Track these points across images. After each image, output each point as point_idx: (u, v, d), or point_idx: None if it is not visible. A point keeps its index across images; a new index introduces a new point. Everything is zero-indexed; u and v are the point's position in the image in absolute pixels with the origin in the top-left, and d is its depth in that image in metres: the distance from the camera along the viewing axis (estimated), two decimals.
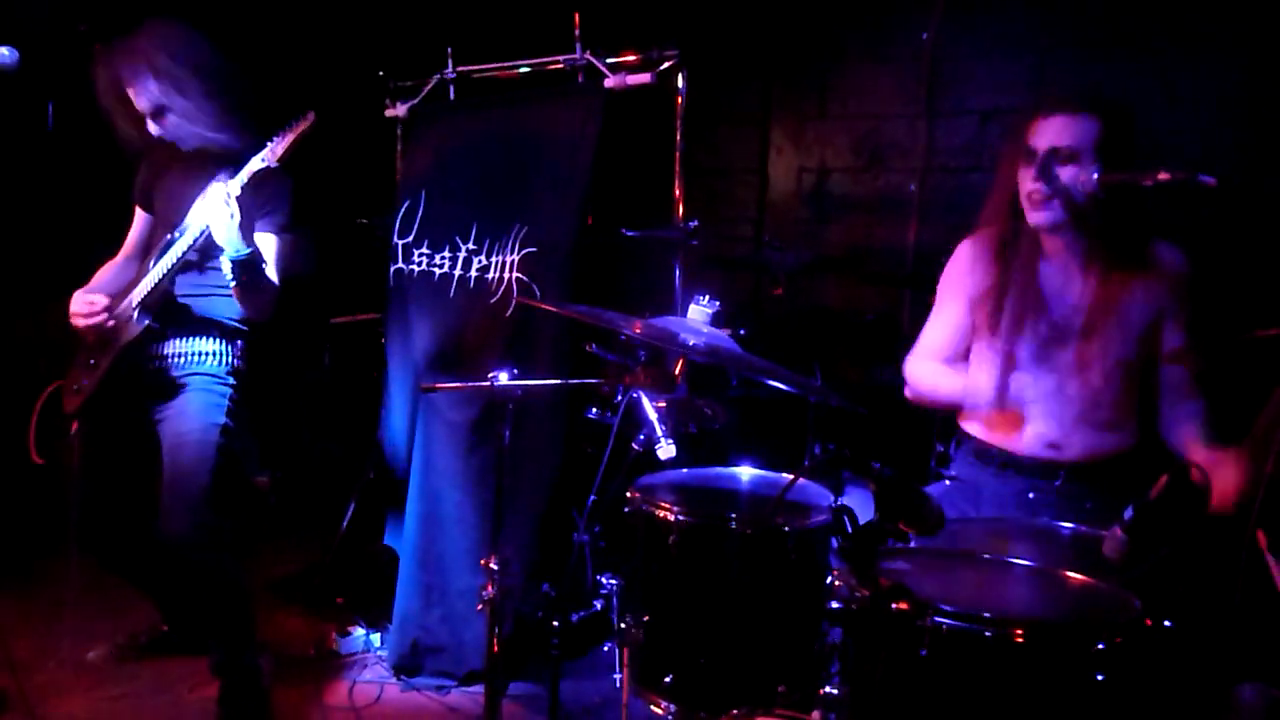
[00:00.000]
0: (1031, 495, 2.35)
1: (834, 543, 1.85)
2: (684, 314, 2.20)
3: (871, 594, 1.52)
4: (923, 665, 1.49)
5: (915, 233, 3.93)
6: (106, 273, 3.01)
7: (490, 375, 2.32)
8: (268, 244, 2.78)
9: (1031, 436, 2.35)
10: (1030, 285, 2.33)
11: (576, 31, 3.22)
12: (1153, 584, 1.71)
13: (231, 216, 2.56)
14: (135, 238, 3.05)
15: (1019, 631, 1.47)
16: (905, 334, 2.82)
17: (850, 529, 1.53)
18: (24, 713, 2.78)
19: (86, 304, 2.78)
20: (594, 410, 3.21)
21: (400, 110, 3.63)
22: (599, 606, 3.00)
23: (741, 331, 3.15)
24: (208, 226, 2.62)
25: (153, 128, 2.77)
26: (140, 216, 3.04)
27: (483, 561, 2.34)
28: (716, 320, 2.17)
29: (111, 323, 2.78)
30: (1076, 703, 1.46)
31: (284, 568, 3.98)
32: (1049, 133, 2.23)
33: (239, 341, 2.90)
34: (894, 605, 1.51)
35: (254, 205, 2.68)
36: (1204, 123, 3.31)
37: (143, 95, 2.72)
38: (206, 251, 2.76)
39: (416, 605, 3.20)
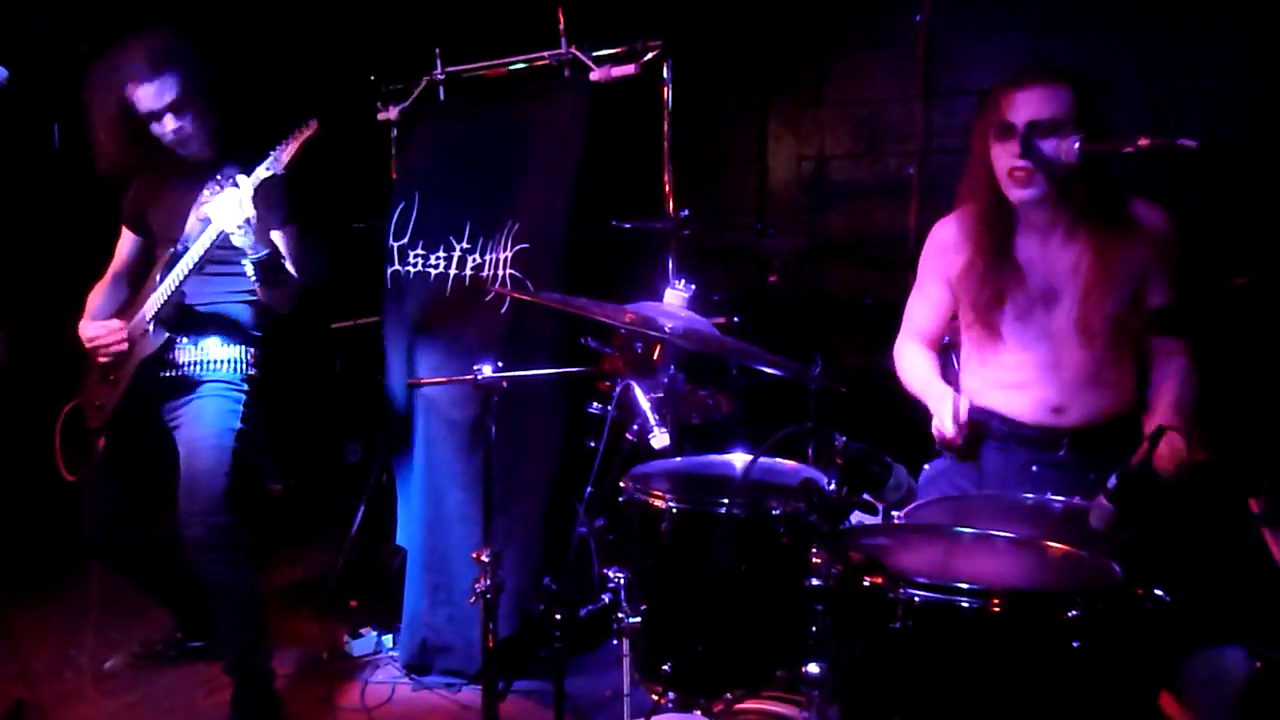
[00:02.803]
0: (1034, 469, 2.33)
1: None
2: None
3: (843, 569, 1.51)
4: (897, 638, 1.48)
5: (916, 215, 3.91)
6: (98, 296, 3.04)
7: (474, 368, 2.32)
8: (275, 238, 2.81)
9: (1034, 403, 2.33)
10: (1008, 259, 2.32)
11: (561, 26, 3.22)
12: (1143, 552, 1.69)
13: (248, 221, 2.59)
14: (124, 258, 3.08)
15: (995, 601, 1.46)
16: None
17: (817, 503, 1.52)
18: None
19: (104, 330, 2.82)
20: (595, 405, 3.22)
21: (392, 113, 3.65)
22: (606, 600, 3.00)
23: (735, 319, 3.15)
24: (220, 234, 2.64)
25: (169, 123, 2.76)
26: (128, 237, 3.07)
27: (474, 555, 2.35)
28: (696, 304, 2.16)
29: (125, 349, 2.83)
30: (1053, 670, 1.44)
31: (297, 573, 4.02)
32: (1028, 106, 2.20)
33: (253, 349, 2.93)
34: (867, 579, 1.50)
35: (264, 208, 2.71)
36: (1202, 93, 3.27)
37: (166, 90, 2.73)
38: (212, 256, 2.78)
39: (424, 605, 3.22)
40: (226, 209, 2.58)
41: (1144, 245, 2.25)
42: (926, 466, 2.52)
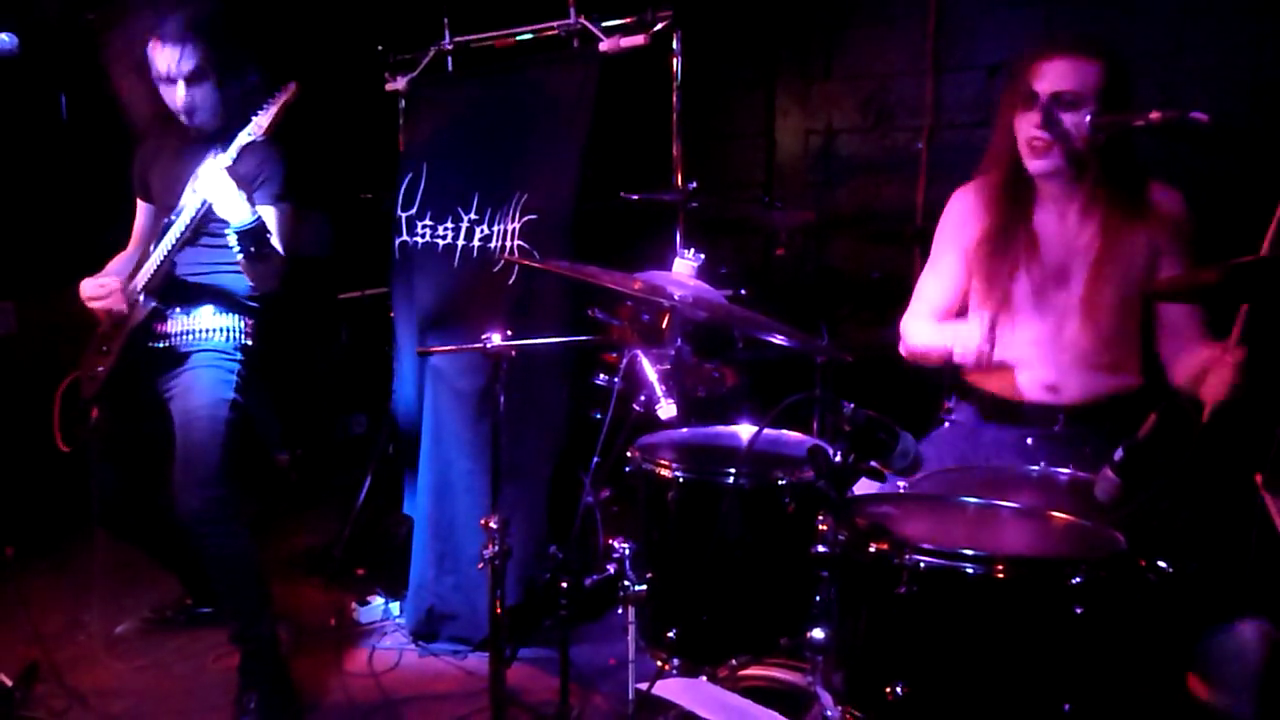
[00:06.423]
0: (1030, 440, 2.33)
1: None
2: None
3: (849, 535, 1.52)
4: (902, 603, 1.49)
5: (923, 190, 3.90)
6: (116, 264, 3.05)
7: (484, 337, 2.33)
8: (267, 215, 2.79)
9: (1029, 380, 2.34)
10: (1025, 229, 2.31)
11: None
12: (1147, 523, 1.70)
13: (228, 189, 2.60)
14: (141, 228, 3.09)
15: (999, 567, 1.47)
16: (913, 292, 2.82)
17: (825, 470, 1.53)
18: (54, 683, 2.86)
19: (97, 286, 2.83)
20: (601, 376, 3.23)
21: (400, 84, 3.64)
22: (612, 570, 3.02)
23: (742, 291, 3.15)
24: (205, 203, 2.66)
25: (180, 91, 2.74)
26: (143, 207, 3.08)
27: (482, 521, 2.36)
28: (703, 275, 2.17)
29: (123, 306, 2.83)
30: (1055, 637, 1.46)
31: (305, 541, 4.05)
32: (1052, 77, 2.19)
33: (248, 318, 2.93)
34: (873, 545, 1.52)
35: (249, 177, 2.71)
36: (1211, 71, 3.25)
37: (186, 58, 2.70)
38: (202, 227, 2.78)
39: (430, 573, 3.25)
40: (209, 178, 2.60)
41: (1158, 229, 2.24)
42: None
